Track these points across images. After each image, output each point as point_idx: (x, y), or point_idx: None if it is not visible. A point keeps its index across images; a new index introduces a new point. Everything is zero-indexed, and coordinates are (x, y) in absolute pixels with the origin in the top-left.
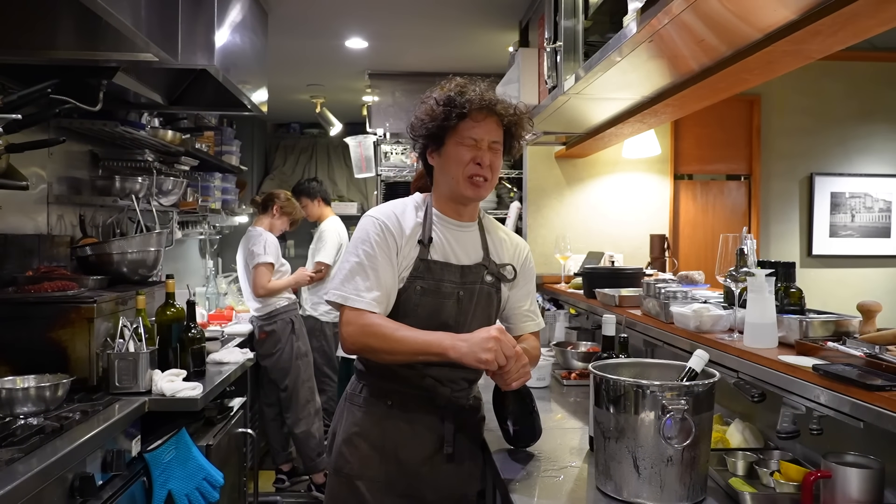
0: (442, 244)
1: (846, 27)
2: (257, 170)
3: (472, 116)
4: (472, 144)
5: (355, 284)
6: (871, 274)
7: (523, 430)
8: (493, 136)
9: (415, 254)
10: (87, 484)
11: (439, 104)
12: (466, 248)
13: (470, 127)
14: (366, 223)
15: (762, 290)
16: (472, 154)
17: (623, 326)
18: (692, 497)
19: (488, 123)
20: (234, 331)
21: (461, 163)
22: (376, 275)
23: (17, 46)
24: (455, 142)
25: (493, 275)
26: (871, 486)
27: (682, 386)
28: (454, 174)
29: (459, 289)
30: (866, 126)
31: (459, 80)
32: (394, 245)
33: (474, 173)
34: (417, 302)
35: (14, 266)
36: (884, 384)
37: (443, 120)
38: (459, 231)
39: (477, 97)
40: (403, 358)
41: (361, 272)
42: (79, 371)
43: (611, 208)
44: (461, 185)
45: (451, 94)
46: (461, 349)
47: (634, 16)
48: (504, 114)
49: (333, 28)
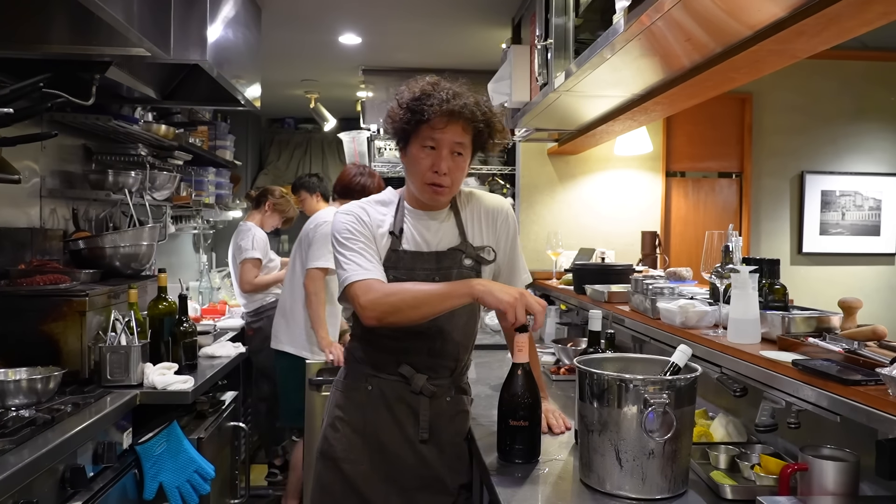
0: (413, 234)
1: (829, 27)
2: (251, 165)
3: (433, 122)
4: (431, 150)
5: (354, 266)
6: (861, 272)
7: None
8: (457, 140)
9: (387, 245)
10: (78, 475)
11: (401, 107)
12: (440, 234)
13: (430, 132)
14: (337, 220)
15: (746, 286)
16: (431, 160)
17: (611, 322)
18: (673, 489)
19: (451, 129)
20: (227, 325)
21: (420, 168)
22: (369, 252)
23: (9, 40)
24: (417, 145)
25: (471, 258)
26: (846, 479)
27: (664, 380)
28: (414, 178)
29: (435, 275)
30: (857, 124)
31: (428, 81)
32: (369, 234)
33: (432, 181)
34: None
35: (6, 259)
36: (860, 379)
37: (405, 123)
38: (431, 220)
39: (439, 103)
40: (429, 309)
41: (354, 255)
42: (71, 364)
43: (603, 205)
44: (419, 191)
45: (416, 97)
46: (486, 285)
47: (623, 13)
48: (470, 118)
49: (327, 24)
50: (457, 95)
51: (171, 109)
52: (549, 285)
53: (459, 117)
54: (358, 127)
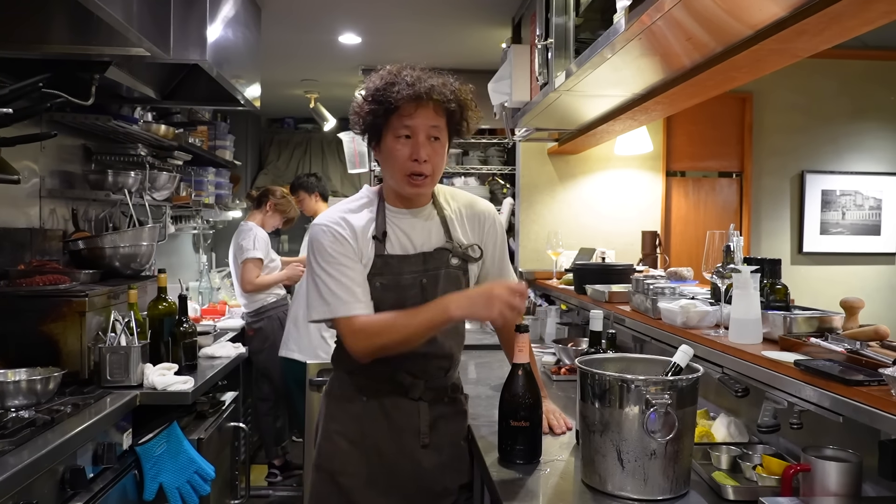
0: (397, 237)
1: (831, 26)
2: (251, 164)
3: (402, 110)
4: (407, 138)
5: (335, 296)
6: (862, 271)
7: (528, 444)
8: (431, 124)
9: (372, 252)
10: (77, 476)
11: (367, 100)
12: (425, 234)
13: (402, 120)
14: (316, 233)
15: (747, 286)
16: (409, 150)
17: (612, 322)
18: (675, 490)
19: (423, 113)
20: (227, 325)
21: (398, 160)
22: (349, 278)
23: (8, 40)
24: (391, 136)
25: (458, 257)
26: (848, 480)
27: (665, 381)
28: (393, 172)
29: (422, 276)
30: (857, 124)
31: (389, 70)
32: (351, 249)
33: (412, 171)
34: (379, 297)
35: (6, 260)
36: (863, 380)
37: (374, 116)
38: (415, 219)
39: (405, 87)
40: (418, 341)
41: (333, 283)
42: (70, 364)
43: (603, 205)
44: (400, 184)
45: (379, 87)
46: (461, 305)
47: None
48: (441, 99)
49: (326, 23)
50: (420, 79)
51: (170, 109)
52: (549, 285)
53: (429, 99)
54: None
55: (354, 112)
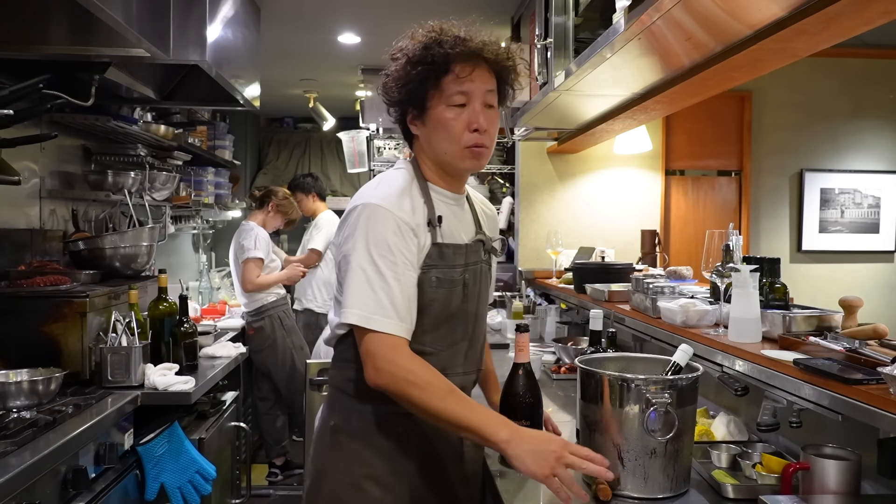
0: (448, 223)
1: (830, 26)
2: (250, 164)
3: (456, 70)
4: (463, 105)
5: (378, 301)
6: (860, 269)
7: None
8: (488, 88)
9: (428, 239)
10: (79, 477)
11: (411, 63)
12: (466, 223)
13: (457, 84)
14: (375, 215)
15: (747, 285)
16: (467, 118)
17: (612, 321)
18: (675, 489)
19: (479, 75)
20: (227, 325)
21: (454, 131)
22: (401, 287)
23: (8, 41)
24: (442, 105)
25: (487, 251)
26: (848, 478)
27: (665, 380)
28: (446, 146)
29: (465, 271)
30: (856, 122)
31: (433, 25)
32: (413, 241)
33: (475, 143)
34: (433, 296)
35: (6, 261)
36: (862, 378)
37: (421, 81)
38: (456, 206)
39: (460, 44)
40: (434, 423)
41: (383, 284)
42: (71, 365)
43: (602, 204)
44: (458, 158)
45: (426, 45)
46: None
47: (623, 13)
48: (495, 59)
49: (326, 23)
50: (470, 35)
51: (170, 110)
52: (548, 284)
53: (484, 60)
54: (357, 126)
55: (391, 80)
